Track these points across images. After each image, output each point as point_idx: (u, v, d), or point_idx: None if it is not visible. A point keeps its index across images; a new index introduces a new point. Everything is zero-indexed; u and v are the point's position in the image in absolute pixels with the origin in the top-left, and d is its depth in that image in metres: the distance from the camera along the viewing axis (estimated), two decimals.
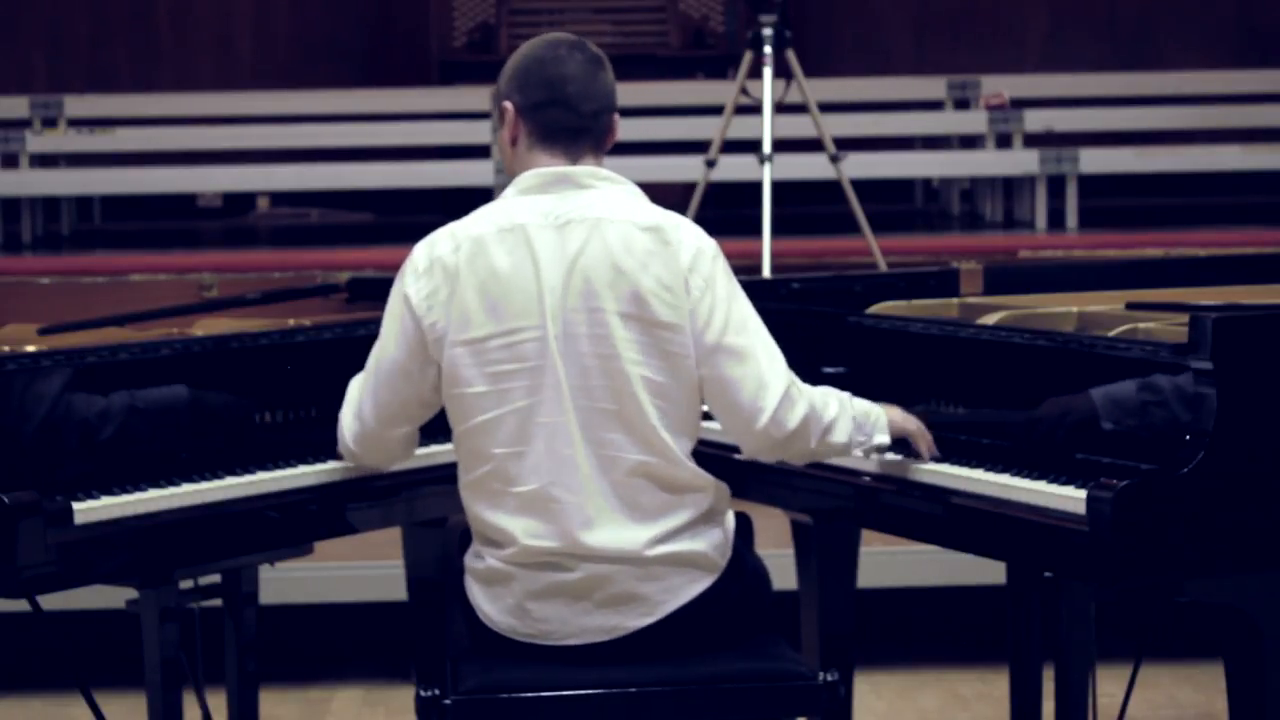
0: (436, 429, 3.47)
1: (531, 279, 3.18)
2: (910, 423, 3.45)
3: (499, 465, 3.21)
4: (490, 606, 3.27)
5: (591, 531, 3.19)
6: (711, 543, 3.27)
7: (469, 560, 3.33)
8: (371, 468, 3.55)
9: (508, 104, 3.29)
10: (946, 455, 3.47)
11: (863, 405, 3.38)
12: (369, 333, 3.76)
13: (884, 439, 3.40)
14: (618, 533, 3.19)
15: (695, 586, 3.25)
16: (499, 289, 3.19)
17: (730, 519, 3.35)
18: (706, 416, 3.32)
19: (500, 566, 3.24)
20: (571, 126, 3.26)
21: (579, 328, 3.17)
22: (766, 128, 6.65)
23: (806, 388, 3.28)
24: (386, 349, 3.29)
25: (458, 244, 3.22)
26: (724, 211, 8.51)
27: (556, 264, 3.18)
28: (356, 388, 3.41)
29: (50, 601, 3.48)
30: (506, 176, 3.35)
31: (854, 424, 3.33)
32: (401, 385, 3.29)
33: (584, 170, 3.26)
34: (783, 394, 3.22)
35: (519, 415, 3.19)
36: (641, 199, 3.28)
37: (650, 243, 3.20)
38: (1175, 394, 3.12)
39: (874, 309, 3.92)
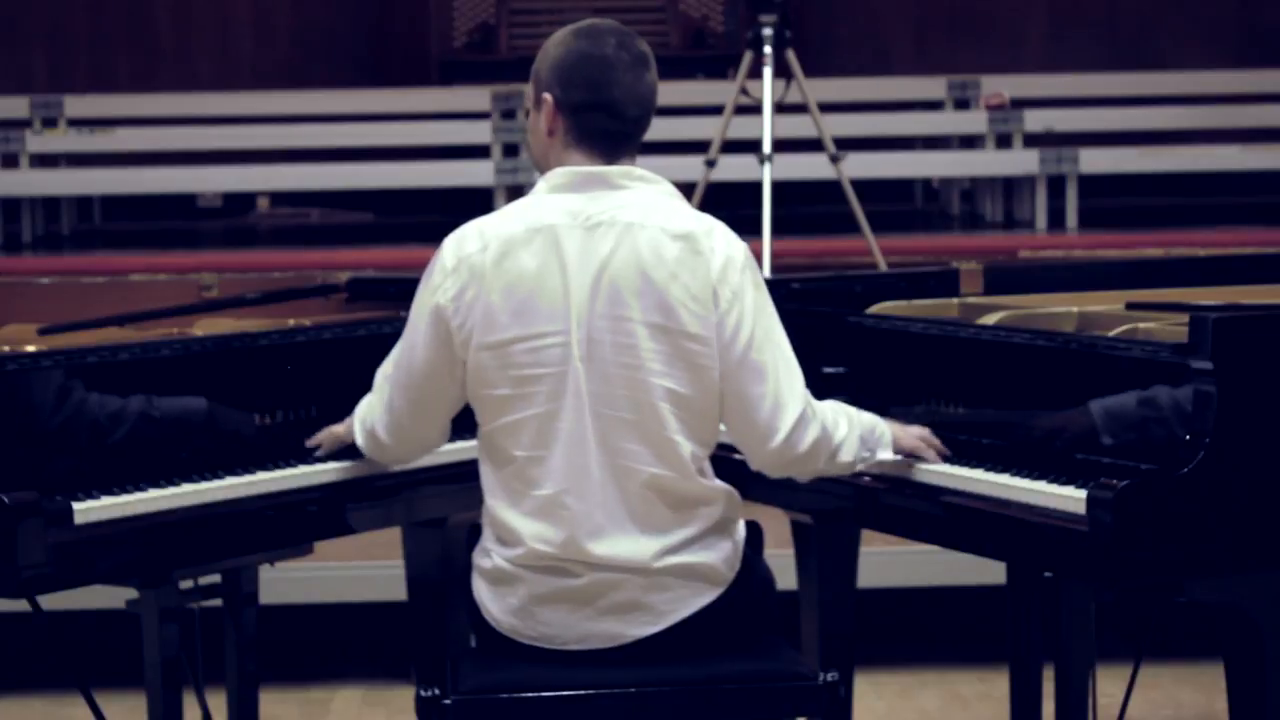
0: None
1: (559, 283, 3.14)
2: (910, 438, 3.44)
3: (520, 467, 3.19)
4: (495, 605, 3.26)
5: (599, 541, 3.16)
6: (721, 555, 3.24)
7: (477, 557, 3.31)
8: (400, 460, 3.53)
9: (548, 96, 3.22)
10: (948, 456, 3.46)
11: (868, 420, 3.37)
12: (369, 333, 3.77)
13: (887, 455, 3.40)
14: (626, 543, 3.17)
15: (702, 598, 3.23)
16: (525, 291, 3.15)
17: (741, 528, 3.32)
18: None
19: (507, 567, 3.22)
20: (613, 131, 3.20)
21: (604, 335, 3.14)
22: (766, 128, 6.65)
23: (819, 407, 3.25)
24: (415, 349, 3.25)
25: (485, 243, 3.17)
26: (724, 211, 8.46)
27: (585, 268, 3.14)
28: (385, 381, 3.38)
29: (50, 601, 3.48)
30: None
31: (860, 441, 3.32)
32: (433, 385, 3.26)
33: (617, 170, 3.21)
34: (799, 416, 3.19)
35: (540, 420, 3.16)
36: (676, 200, 3.23)
37: (680, 250, 3.15)
38: (1174, 410, 3.12)
39: (874, 309, 3.92)
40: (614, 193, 3.19)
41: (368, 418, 3.44)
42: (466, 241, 3.20)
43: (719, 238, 3.20)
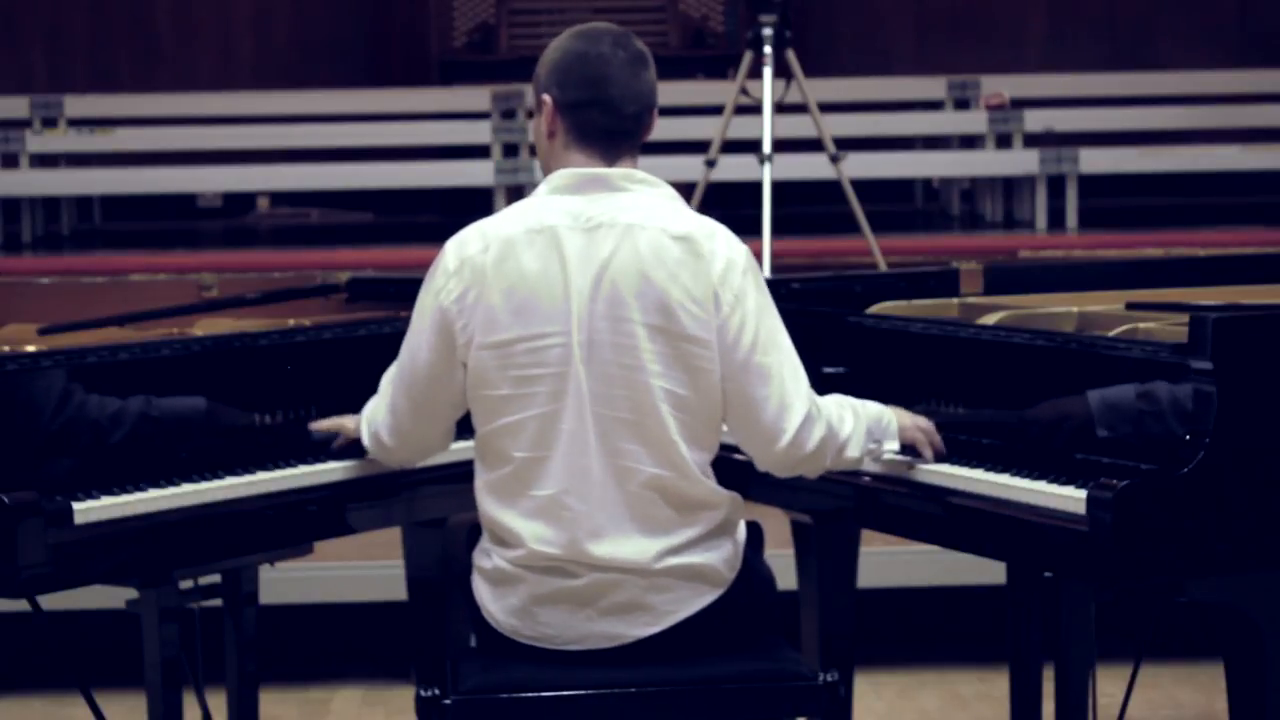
0: None
1: (559, 283, 3.15)
2: (914, 429, 3.44)
3: (520, 468, 3.19)
4: (495, 606, 3.27)
5: (599, 542, 3.17)
6: (721, 556, 3.24)
7: (477, 558, 3.31)
8: (404, 463, 3.53)
9: (546, 97, 3.23)
10: (947, 455, 3.46)
11: (874, 411, 3.37)
12: (369, 333, 3.77)
13: (894, 446, 3.40)
14: (626, 544, 3.17)
15: (702, 599, 3.23)
16: (526, 292, 3.15)
17: (742, 530, 3.32)
18: None
19: (508, 568, 3.23)
20: (611, 129, 3.21)
21: (604, 335, 3.14)
22: (766, 128, 6.65)
23: (824, 405, 3.25)
24: (419, 351, 3.26)
25: (487, 244, 3.18)
26: (724, 211, 8.44)
27: (585, 269, 3.15)
28: (389, 384, 3.39)
29: (50, 601, 3.48)
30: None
31: (867, 434, 3.32)
32: (435, 387, 3.26)
33: (618, 172, 3.21)
34: (804, 416, 3.19)
35: (541, 420, 3.16)
36: (677, 203, 3.24)
37: (681, 253, 3.15)
38: (1172, 405, 3.12)
39: (874, 309, 3.92)
40: (615, 195, 3.19)
41: (373, 420, 3.45)
42: (468, 243, 3.20)
43: (720, 240, 3.20)
